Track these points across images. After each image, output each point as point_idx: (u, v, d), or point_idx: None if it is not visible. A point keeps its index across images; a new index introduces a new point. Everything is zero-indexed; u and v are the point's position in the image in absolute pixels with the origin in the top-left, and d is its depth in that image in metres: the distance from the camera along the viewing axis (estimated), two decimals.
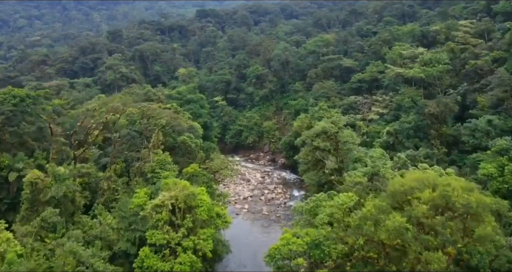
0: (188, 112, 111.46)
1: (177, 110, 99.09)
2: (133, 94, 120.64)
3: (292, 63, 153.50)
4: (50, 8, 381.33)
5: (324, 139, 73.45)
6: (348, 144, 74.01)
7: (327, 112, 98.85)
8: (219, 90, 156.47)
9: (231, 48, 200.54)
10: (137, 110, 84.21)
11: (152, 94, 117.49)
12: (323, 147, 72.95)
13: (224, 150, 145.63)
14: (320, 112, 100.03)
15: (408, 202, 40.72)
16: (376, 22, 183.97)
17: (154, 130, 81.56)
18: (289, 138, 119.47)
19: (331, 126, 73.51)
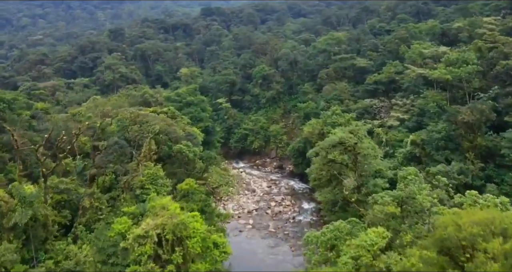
0: (187, 116, 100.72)
1: (174, 114, 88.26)
2: (129, 96, 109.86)
3: (301, 63, 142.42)
4: (54, 7, 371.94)
5: (341, 152, 62.27)
6: (369, 157, 62.79)
7: (341, 117, 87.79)
8: (223, 92, 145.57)
9: (237, 47, 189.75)
10: (129, 114, 73.18)
11: (149, 96, 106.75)
12: (340, 161, 61.75)
13: (228, 155, 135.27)
14: (333, 117, 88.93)
15: (468, 254, 29.45)
16: (389, 20, 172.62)
17: (146, 138, 70.63)
18: (298, 144, 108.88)
19: (350, 136, 62.25)
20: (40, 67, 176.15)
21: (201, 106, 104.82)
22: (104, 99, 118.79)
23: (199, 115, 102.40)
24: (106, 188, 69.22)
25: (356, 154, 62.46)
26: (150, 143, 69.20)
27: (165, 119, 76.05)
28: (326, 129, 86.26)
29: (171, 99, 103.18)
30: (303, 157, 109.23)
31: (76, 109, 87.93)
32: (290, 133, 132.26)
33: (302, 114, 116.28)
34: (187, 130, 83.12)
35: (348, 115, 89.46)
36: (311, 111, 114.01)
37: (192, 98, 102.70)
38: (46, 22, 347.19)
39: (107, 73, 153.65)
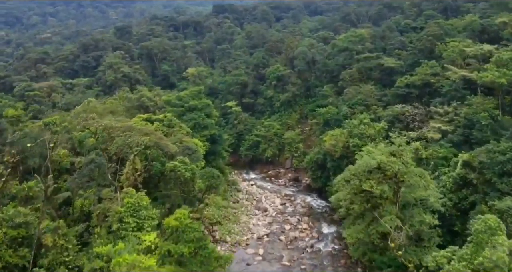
0: (189, 123, 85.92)
1: (171, 123, 73.29)
2: (125, 99, 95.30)
3: (319, 63, 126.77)
4: (66, 5, 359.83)
5: (379, 180, 46.72)
6: (417, 189, 47.10)
7: (371, 128, 72.13)
8: (233, 94, 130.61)
9: (250, 46, 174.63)
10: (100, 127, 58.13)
11: (147, 99, 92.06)
12: (379, 193, 46.29)
13: (238, 164, 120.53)
14: (360, 127, 73.23)
15: None
16: (415, 16, 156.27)
17: (130, 154, 55.77)
18: (317, 156, 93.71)
19: (392, 160, 46.57)
20: (39, 66, 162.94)
21: (206, 111, 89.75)
22: (98, 102, 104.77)
23: (204, 121, 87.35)
24: (79, 218, 54.80)
25: (398, 182, 47.02)
26: (134, 162, 54.20)
27: (153, 131, 60.77)
28: (352, 142, 70.86)
29: (172, 103, 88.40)
30: (322, 170, 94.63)
31: (52, 117, 73.36)
32: (307, 141, 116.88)
33: (321, 120, 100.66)
34: (186, 142, 67.95)
35: (379, 125, 73.85)
36: (331, 117, 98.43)
37: (196, 102, 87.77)
38: (57, 20, 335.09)
39: (108, 73, 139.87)
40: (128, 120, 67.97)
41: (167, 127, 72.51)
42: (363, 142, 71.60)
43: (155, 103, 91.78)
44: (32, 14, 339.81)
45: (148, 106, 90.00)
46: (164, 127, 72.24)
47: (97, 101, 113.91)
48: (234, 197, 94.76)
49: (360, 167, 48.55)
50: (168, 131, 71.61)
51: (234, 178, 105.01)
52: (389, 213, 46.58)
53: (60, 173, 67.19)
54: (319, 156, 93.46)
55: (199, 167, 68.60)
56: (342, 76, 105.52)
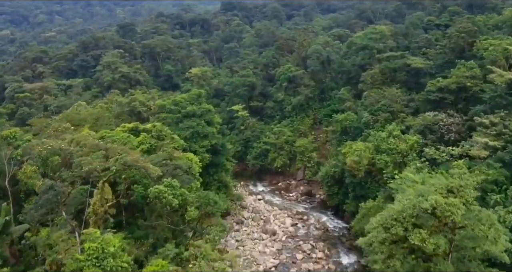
0: (186, 132, 73.00)
1: (161, 134, 60.46)
2: (116, 103, 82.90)
3: (335, 62, 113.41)
4: (73, 4, 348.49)
5: (433, 228, 33.38)
6: (483, 241, 33.76)
7: (402, 142, 58.73)
8: (240, 96, 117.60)
9: (259, 45, 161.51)
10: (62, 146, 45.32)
11: (139, 104, 79.35)
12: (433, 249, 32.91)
13: (245, 174, 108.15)
14: (389, 141, 59.84)
15: None
16: (438, 13, 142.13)
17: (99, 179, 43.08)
18: (334, 169, 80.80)
19: (452, 203, 33.05)
20: (35, 66, 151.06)
21: (207, 117, 76.77)
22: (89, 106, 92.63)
23: (203, 130, 74.36)
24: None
25: (455, 228, 33.79)
26: (103, 190, 41.38)
27: (128, 150, 47.88)
28: (380, 160, 57.52)
29: (166, 109, 75.57)
30: (340, 185, 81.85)
31: (9, 130, 60.73)
32: (321, 150, 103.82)
33: (338, 128, 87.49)
34: (177, 159, 55.05)
35: (411, 138, 60.31)
36: (350, 125, 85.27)
37: (194, 108, 74.87)
38: (64, 19, 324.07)
39: (106, 73, 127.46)
40: (91, 138, 55.05)
41: (156, 139, 59.78)
42: (392, 158, 58.31)
43: (149, 108, 79.22)
44: (39, 13, 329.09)
45: (141, 112, 77.46)
46: (153, 139, 59.51)
47: (92, 104, 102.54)
48: (239, 216, 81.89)
49: (405, 210, 35.28)
50: (156, 144, 58.83)
51: (239, 193, 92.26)
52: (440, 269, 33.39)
53: (27, 196, 54.78)
54: (336, 169, 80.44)
55: (194, 188, 55.73)
56: (363, 78, 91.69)
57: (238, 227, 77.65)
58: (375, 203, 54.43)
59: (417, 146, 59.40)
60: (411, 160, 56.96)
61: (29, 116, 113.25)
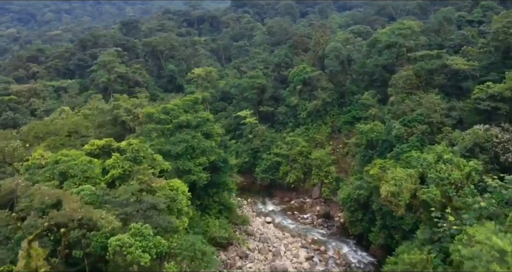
0: (178, 147, 58.05)
1: (137, 156, 45.52)
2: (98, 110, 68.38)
3: (356, 62, 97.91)
4: (82, 2, 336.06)
5: None
6: None
7: (456, 169, 43.19)
8: (248, 100, 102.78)
9: (271, 43, 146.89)
10: None
11: (124, 111, 64.70)
12: None
13: (253, 189, 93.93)
14: (439, 167, 44.26)
15: None
16: (469, 8, 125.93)
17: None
18: (358, 192, 65.73)
19: None
20: (29, 65, 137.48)
21: (204, 129, 61.73)
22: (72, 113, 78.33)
23: (200, 144, 59.39)
24: None
25: None
26: (28, 252, 26.60)
27: (64, 194, 32.98)
28: (428, 193, 42.05)
29: (155, 118, 60.68)
30: (365, 211, 66.59)
31: None
32: (340, 163, 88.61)
33: (363, 140, 72.06)
34: (155, 190, 40.11)
35: (468, 164, 44.61)
36: (378, 137, 69.76)
37: (189, 118, 59.93)
38: (72, 17, 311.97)
39: (100, 73, 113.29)
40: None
41: (131, 162, 45.06)
42: (442, 191, 42.90)
43: (136, 117, 64.55)
44: (47, 11, 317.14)
45: (125, 121, 62.80)
46: (127, 162, 44.79)
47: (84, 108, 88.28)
48: (243, 247, 66.84)
49: None
50: (131, 169, 44.11)
51: (245, 215, 77.13)
52: None
53: None
54: (360, 192, 65.24)
55: (181, 227, 40.85)
56: (394, 81, 75.61)
57: (241, 263, 62.65)
58: (422, 256, 39.08)
59: (475, 174, 43.93)
60: (469, 193, 41.55)
61: (14, 122, 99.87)
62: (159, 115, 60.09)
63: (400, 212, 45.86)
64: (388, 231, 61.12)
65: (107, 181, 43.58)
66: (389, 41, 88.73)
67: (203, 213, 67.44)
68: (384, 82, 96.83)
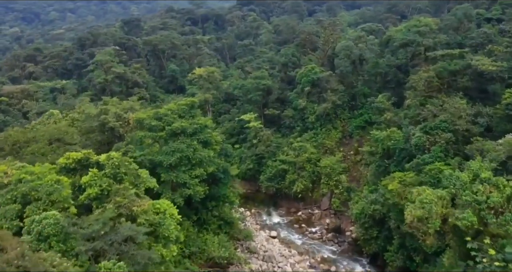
0: (172, 158, 50.94)
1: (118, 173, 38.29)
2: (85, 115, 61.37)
3: (369, 62, 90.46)
4: (87, 2, 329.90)
5: None
6: None
7: (495, 190, 35.69)
8: (252, 102, 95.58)
9: (277, 42, 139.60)
10: None
11: (113, 116, 57.56)
12: None
13: (258, 199, 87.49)
14: (476, 188, 36.75)
15: None
16: (487, 5, 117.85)
17: None
18: (373, 207, 58.39)
19: None
20: (25, 65, 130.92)
21: (202, 136, 54.51)
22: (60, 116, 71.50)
23: (196, 154, 52.22)
24: None
25: None
26: None
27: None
28: (463, 220, 34.59)
29: (146, 125, 53.50)
30: (380, 227, 59.33)
31: None
32: (352, 171, 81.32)
33: (379, 149, 64.38)
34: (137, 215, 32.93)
35: (509, 185, 36.99)
36: (395, 145, 62.13)
37: (185, 124, 52.73)
38: (76, 16, 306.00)
39: (97, 73, 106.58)
40: None
41: (111, 179, 37.92)
42: (479, 216, 35.50)
43: (126, 122, 57.48)
44: (51, 10, 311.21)
45: (114, 128, 55.78)
46: (107, 179, 37.65)
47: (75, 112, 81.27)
48: (244, 268, 59.58)
49: None
50: (110, 188, 36.95)
51: (247, 230, 69.78)
52: None
53: None
54: (376, 207, 57.90)
55: (168, 257, 33.61)
56: (414, 83, 67.59)
57: None
58: None
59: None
60: (510, 220, 34.18)
61: (4, 124, 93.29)
62: (151, 121, 52.89)
63: (429, 241, 38.39)
64: (407, 252, 53.85)
65: (82, 202, 36.61)
66: (405, 39, 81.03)
67: (201, 229, 60.37)
68: (398, 83, 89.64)
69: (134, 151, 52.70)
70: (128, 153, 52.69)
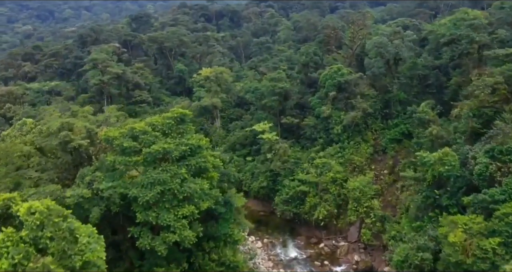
0: (150, 193, 36.36)
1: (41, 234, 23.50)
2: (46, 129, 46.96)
3: (405, 62, 74.80)
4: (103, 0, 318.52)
5: None
6: None
7: None
8: (267, 109, 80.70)
9: (297, 40, 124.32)
10: None
11: (79, 133, 43.03)
12: None
13: (271, 224, 74.72)
14: None
15: None
16: None
17: None
18: (420, 255, 42.85)
19: None
20: (20, 64, 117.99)
21: (193, 162, 39.51)
22: None
23: (183, 188, 37.44)
24: None
25: None
26: None
27: None
28: None
29: (118, 145, 38.68)
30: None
31: None
32: (386, 195, 66.12)
33: (429, 176, 48.44)
34: None
35: None
36: (449, 172, 46.31)
37: (168, 146, 37.83)
38: (91, 14, 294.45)
39: (91, 73, 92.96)
40: None
41: (30, 246, 23.17)
42: None
43: (92, 142, 42.56)
44: (66, 8, 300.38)
45: (78, 148, 41.21)
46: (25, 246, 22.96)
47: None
48: None
49: None
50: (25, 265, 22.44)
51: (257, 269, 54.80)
52: None
53: None
54: (425, 255, 42.50)
55: None
56: (476, 89, 51.52)
57: None
58: None
59: None
60: None
61: None
62: (123, 141, 38.28)
63: None
64: None
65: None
66: (455, 35, 64.98)
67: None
68: (440, 88, 74.27)
69: (101, 182, 38.16)
70: (94, 184, 38.34)
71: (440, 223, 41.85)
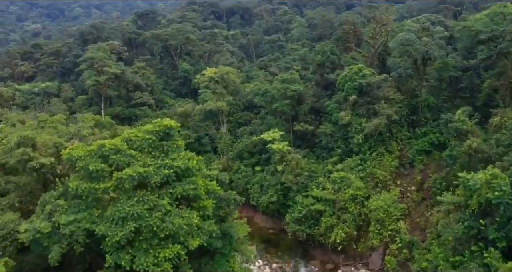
0: (122, 232, 27.53)
1: None
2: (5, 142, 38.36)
3: (432, 62, 65.50)
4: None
5: None
6: None
7: None
8: (277, 114, 71.68)
9: (311, 38, 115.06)
10: None
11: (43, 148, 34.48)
12: None
13: (281, 244, 64.44)
14: None
15: None
16: None
17: None
18: None
19: None
20: (17, 63, 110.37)
21: (179, 190, 30.89)
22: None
23: (166, 223, 28.82)
24: None
25: None
26: None
27: None
28: None
29: (84, 168, 30.26)
30: None
31: None
32: (413, 216, 57.16)
33: (474, 202, 38.98)
34: None
35: None
36: (498, 200, 36.87)
37: (147, 170, 29.27)
38: (102, 12, 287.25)
39: (87, 74, 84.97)
40: None
41: None
42: None
43: (54, 167, 33.62)
44: (76, 7, 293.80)
45: (42, 168, 32.44)
46: None
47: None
48: None
49: None
50: None
51: None
52: None
53: None
54: None
55: None
56: None
57: None
58: None
59: None
60: None
61: None
62: (88, 162, 29.69)
63: None
64: None
65: None
66: (497, 31, 55.43)
67: None
68: (473, 91, 64.98)
69: (64, 212, 29.60)
70: (55, 215, 29.85)
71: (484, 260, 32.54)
